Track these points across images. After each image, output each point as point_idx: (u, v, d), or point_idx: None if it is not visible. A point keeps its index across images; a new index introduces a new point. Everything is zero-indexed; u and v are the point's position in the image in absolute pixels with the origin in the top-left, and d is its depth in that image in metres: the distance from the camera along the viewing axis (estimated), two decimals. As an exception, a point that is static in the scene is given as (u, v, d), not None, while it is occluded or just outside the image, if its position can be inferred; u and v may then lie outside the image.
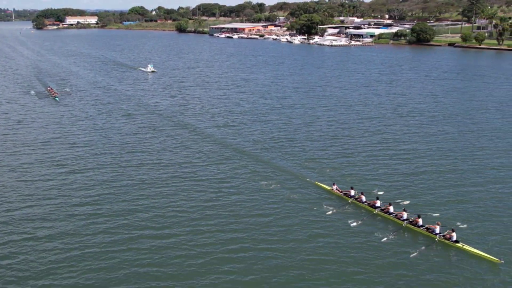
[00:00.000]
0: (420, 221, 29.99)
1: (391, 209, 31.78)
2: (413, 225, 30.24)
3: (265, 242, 28.72)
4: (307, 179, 38.52)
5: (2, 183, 38.50)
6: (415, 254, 27.38)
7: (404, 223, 30.50)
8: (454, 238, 28.16)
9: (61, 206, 34.01)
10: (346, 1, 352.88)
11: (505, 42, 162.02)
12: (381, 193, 34.80)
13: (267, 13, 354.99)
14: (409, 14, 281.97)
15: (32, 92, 78.74)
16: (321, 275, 25.55)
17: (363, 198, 33.61)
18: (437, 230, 29.00)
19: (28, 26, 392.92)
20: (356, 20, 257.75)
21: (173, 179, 39.18)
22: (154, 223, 31.38)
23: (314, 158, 44.22)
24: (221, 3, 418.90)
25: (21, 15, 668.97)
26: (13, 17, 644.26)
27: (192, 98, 74.99)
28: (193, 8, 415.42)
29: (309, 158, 43.97)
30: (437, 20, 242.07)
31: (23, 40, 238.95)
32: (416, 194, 35.74)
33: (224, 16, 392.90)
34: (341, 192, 35.14)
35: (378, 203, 32.62)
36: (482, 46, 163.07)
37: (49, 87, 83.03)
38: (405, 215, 30.90)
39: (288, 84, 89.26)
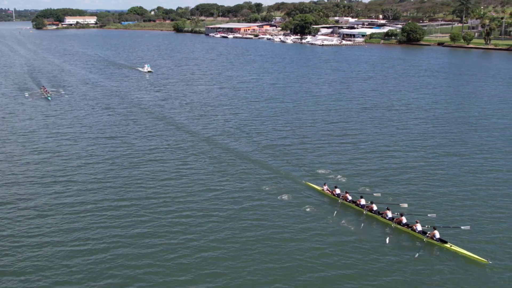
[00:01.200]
0: (404, 219, 30.40)
1: (374, 207, 32.28)
2: (396, 223, 30.62)
3: (254, 242, 28.50)
4: (298, 180, 38.30)
5: None
6: (400, 253, 27.45)
7: (393, 224, 30.80)
8: (437, 236, 28.28)
9: (54, 204, 33.80)
10: (345, 1, 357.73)
11: (493, 41, 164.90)
12: (368, 189, 35.43)
13: (264, 13, 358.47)
14: (404, 14, 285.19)
15: (26, 94, 77.73)
16: (305, 273, 25.43)
17: (349, 197, 34.01)
18: (418, 227, 29.32)
19: (28, 26, 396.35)
20: (351, 20, 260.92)
21: (157, 175, 39.18)
22: (140, 217, 31.59)
23: (303, 157, 43.93)
24: (220, 3, 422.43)
25: (22, 15, 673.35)
26: (14, 17, 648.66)
27: (176, 94, 78.09)
28: (192, 8, 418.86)
29: (299, 157, 43.88)
30: (431, 20, 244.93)
31: (21, 39, 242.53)
32: (404, 193, 35.78)
33: (222, 16, 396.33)
34: (331, 192, 35.28)
35: (362, 201, 33.11)
36: (470, 45, 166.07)
37: (43, 86, 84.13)
38: (389, 214, 31.33)
39: (267, 81, 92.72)
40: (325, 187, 35.92)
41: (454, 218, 31.55)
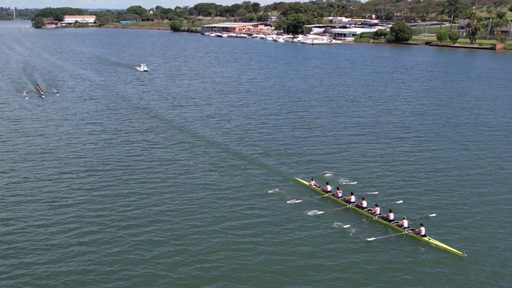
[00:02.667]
0: (392, 216, 30.84)
1: (365, 203, 32.56)
2: (384, 219, 31.09)
3: (243, 236, 29.10)
4: (287, 175, 39.20)
5: None
6: (383, 247, 28.12)
7: (376, 217, 31.38)
8: (423, 233, 28.90)
9: (52, 203, 33.95)
10: (344, 1, 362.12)
11: (478, 41, 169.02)
12: (358, 185, 36.57)
13: (261, 13, 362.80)
14: (397, 14, 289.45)
15: (24, 93, 77.82)
16: (291, 266, 26.09)
17: (339, 194, 34.40)
18: (405, 224, 29.86)
19: (27, 25, 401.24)
20: (344, 19, 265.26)
21: (152, 173, 39.82)
22: (138, 210, 32.46)
23: (293, 153, 45.01)
24: (218, 3, 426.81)
25: (23, 14, 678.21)
26: (14, 16, 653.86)
27: (165, 90, 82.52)
28: (191, 8, 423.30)
29: (288, 154, 44.88)
30: (423, 20, 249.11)
31: (20, 38, 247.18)
32: (393, 191, 36.50)
33: (220, 15, 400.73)
34: (319, 187, 35.98)
35: (353, 198, 33.45)
36: (456, 44, 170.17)
37: (37, 84, 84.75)
38: (378, 210, 31.66)
39: (246, 76, 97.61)
40: (313, 182, 36.69)
41: (432, 210, 32.71)
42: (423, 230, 28.92)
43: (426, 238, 28.66)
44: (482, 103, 69.44)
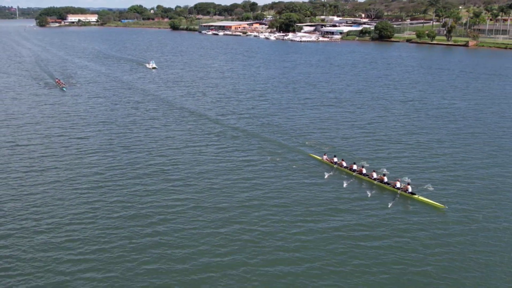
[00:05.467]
0: (385, 179, 36.76)
1: (364, 170, 38.75)
2: (380, 182, 37.03)
3: (269, 200, 33.96)
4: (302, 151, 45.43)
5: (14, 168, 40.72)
6: (380, 204, 33.36)
7: (376, 182, 37.21)
8: (410, 190, 34.49)
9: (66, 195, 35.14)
10: (342, 1, 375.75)
11: (453, 38, 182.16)
12: (358, 157, 42.78)
13: (257, 12, 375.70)
14: (387, 13, 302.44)
15: (45, 86, 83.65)
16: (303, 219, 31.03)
17: (344, 164, 40.73)
18: (398, 185, 35.45)
19: (31, 23, 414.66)
20: (336, 18, 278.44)
21: (177, 157, 43.52)
22: (146, 196, 34.77)
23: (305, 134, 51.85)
24: (217, 2, 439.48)
25: (25, 13, 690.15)
26: (17, 15, 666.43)
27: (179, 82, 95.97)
28: (191, 7, 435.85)
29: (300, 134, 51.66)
30: (414, 19, 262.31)
31: (26, 35, 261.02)
32: (387, 157, 43.70)
33: (219, 15, 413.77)
34: (329, 160, 42.17)
35: (354, 167, 39.58)
36: (434, 42, 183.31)
37: (57, 78, 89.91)
38: (374, 175, 37.75)
39: (232, 68, 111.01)
40: (325, 157, 42.90)
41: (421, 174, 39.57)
42: (409, 188, 34.86)
43: (415, 196, 34.22)
44: (446, 87, 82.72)
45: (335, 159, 41.53)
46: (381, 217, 31.51)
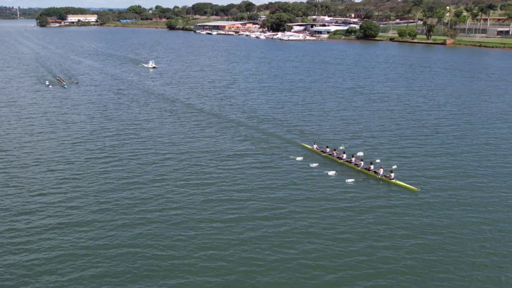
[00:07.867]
0: (372, 167, 39.11)
1: (353, 160, 41.08)
2: (366, 169, 39.35)
3: (259, 189, 35.52)
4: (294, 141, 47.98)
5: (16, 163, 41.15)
6: (362, 188, 35.94)
7: (359, 168, 39.76)
8: (392, 177, 37.12)
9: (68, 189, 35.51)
10: (339, 1, 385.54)
11: (433, 37, 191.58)
12: (347, 146, 45.04)
13: (254, 12, 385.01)
14: (377, 13, 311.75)
15: (47, 82, 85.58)
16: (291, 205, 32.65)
17: (334, 153, 42.68)
18: (381, 172, 37.83)
19: (32, 23, 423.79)
20: (326, 18, 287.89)
21: (173, 148, 45.21)
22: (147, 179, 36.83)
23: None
24: (214, 3, 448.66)
25: (26, 13, 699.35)
26: (18, 15, 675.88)
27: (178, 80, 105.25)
28: (188, 7, 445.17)
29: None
30: (402, 18, 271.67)
31: (27, 35, 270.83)
32: (372, 147, 46.29)
33: (216, 15, 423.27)
34: (319, 149, 44.16)
35: (344, 156, 42.00)
36: (415, 40, 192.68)
37: (58, 76, 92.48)
38: (362, 164, 40.14)
39: (208, 62, 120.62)
40: (315, 146, 44.73)
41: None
42: (392, 175, 37.36)
43: (393, 180, 37.07)
44: (422, 79, 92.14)
45: (328, 150, 43.78)
46: (362, 202, 33.68)
